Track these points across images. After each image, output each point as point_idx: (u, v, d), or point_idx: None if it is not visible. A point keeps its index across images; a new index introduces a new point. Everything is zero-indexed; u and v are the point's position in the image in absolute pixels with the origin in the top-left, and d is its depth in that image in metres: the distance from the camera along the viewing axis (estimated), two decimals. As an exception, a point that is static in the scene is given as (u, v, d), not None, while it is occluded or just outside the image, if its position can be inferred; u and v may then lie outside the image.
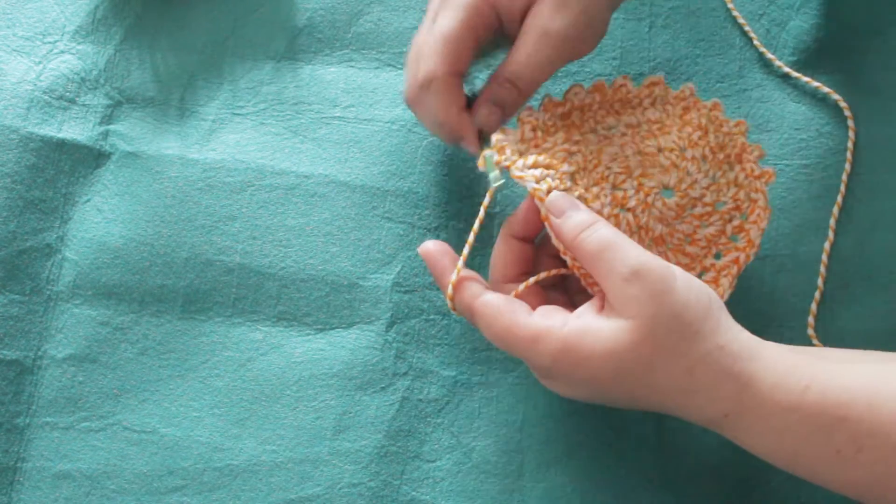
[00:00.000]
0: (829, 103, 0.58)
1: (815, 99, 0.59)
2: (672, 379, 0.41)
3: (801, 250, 0.55)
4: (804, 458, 0.41)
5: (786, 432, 0.40)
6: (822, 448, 0.40)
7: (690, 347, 0.40)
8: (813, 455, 0.40)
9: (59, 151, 0.58)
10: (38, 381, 0.54)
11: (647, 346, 0.40)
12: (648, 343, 0.40)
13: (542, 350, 0.42)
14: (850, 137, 0.57)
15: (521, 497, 0.51)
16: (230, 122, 0.60)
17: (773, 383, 0.40)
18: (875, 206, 0.56)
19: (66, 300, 0.56)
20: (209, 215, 0.57)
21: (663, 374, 0.41)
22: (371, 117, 0.60)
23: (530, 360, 0.43)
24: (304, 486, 0.52)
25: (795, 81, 0.59)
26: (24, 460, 0.53)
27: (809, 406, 0.40)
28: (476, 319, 0.45)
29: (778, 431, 0.40)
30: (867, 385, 0.40)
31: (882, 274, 0.54)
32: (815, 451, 0.40)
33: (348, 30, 0.62)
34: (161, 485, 0.52)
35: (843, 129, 0.58)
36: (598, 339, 0.41)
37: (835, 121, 0.58)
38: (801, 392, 0.40)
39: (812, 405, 0.40)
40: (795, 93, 0.59)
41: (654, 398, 0.42)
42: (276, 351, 0.55)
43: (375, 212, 0.57)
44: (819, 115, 0.58)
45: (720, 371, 0.40)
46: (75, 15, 0.62)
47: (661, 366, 0.40)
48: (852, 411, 0.39)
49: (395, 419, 0.53)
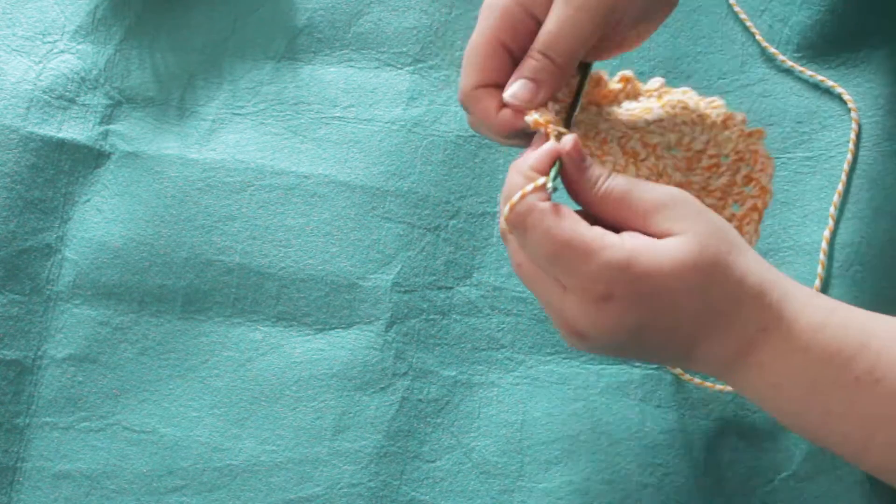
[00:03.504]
0: (832, 96, 0.58)
1: (818, 92, 0.59)
2: (726, 291, 0.40)
3: (805, 241, 0.55)
4: (820, 386, 0.40)
5: (811, 352, 0.40)
6: (842, 374, 0.39)
7: (738, 258, 0.40)
8: (830, 382, 0.40)
9: (58, 151, 0.59)
10: (37, 380, 0.54)
11: (704, 257, 0.39)
12: (706, 255, 0.39)
13: (605, 261, 0.39)
14: (852, 129, 0.57)
15: (521, 497, 0.51)
16: (230, 122, 0.60)
17: (804, 300, 0.40)
18: (877, 195, 0.55)
19: (65, 300, 0.56)
20: (209, 215, 0.57)
21: (718, 288, 0.40)
22: (371, 117, 0.60)
23: (587, 278, 0.40)
24: (303, 486, 0.52)
25: (798, 75, 0.59)
26: (24, 460, 0.53)
27: (835, 326, 0.40)
28: (531, 226, 0.41)
29: (804, 350, 0.40)
30: (889, 321, 0.40)
31: (883, 262, 0.54)
32: (834, 377, 0.39)
33: (348, 30, 0.62)
34: (161, 485, 0.52)
35: (845, 122, 0.58)
36: (665, 252, 0.39)
37: (837, 114, 0.58)
38: (829, 312, 0.40)
39: (838, 327, 0.40)
40: (797, 87, 0.59)
41: (704, 318, 0.41)
42: (275, 351, 0.55)
43: (375, 212, 0.57)
44: (821, 108, 0.58)
45: (765, 280, 0.41)
46: (75, 15, 0.62)
47: (717, 278, 0.40)
48: (874, 340, 0.39)
49: (394, 419, 0.53)
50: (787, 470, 0.50)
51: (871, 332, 0.40)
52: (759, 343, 0.41)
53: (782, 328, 0.40)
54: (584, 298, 0.40)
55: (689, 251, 0.39)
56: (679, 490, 0.50)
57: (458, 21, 0.62)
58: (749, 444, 0.51)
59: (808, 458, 0.50)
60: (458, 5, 0.62)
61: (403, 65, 0.61)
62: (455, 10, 0.62)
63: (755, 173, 0.50)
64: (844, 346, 0.39)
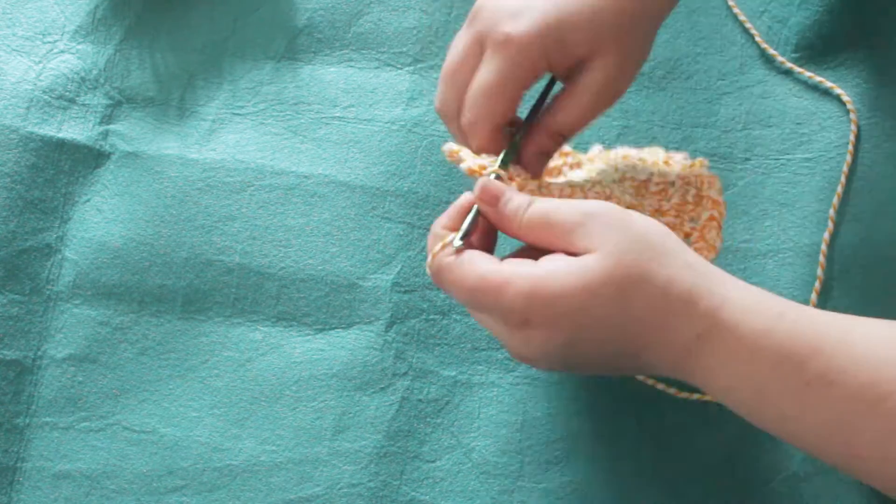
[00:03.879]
0: (831, 97, 0.58)
1: (817, 93, 0.59)
2: (648, 301, 0.40)
3: (804, 243, 0.55)
4: (770, 391, 0.39)
5: (756, 358, 0.39)
6: (792, 379, 0.39)
7: (661, 266, 0.40)
8: (780, 388, 0.39)
9: (58, 151, 0.58)
10: (37, 380, 0.54)
11: (619, 271, 0.39)
12: (620, 268, 0.39)
13: (513, 294, 0.40)
14: (851, 130, 0.57)
15: (521, 497, 0.51)
16: (230, 122, 0.60)
17: (746, 306, 0.40)
18: (877, 196, 0.56)
19: (65, 300, 0.56)
20: (209, 215, 0.57)
21: (639, 299, 0.40)
22: (371, 117, 0.60)
23: (503, 312, 0.41)
24: (303, 486, 0.52)
25: (797, 76, 0.59)
26: (24, 460, 0.53)
27: (783, 332, 0.39)
28: (445, 282, 0.43)
29: (748, 357, 0.39)
30: (841, 321, 0.39)
31: (884, 264, 0.54)
32: (784, 383, 0.39)
33: (348, 30, 0.62)
34: (160, 485, 0.52)
35: (844, 123, 0.58)
36: (569, 274, 0.40)
37: (836, 115, 0.58)
38: (776, 317, 0.39)
39: (786, 332, 0.39)
40: (796, 88, 0.59)
41: (632, 329, 0.41)
42: (275, 351, 0.55)
43: (375, 212, 0.57)
44: (820, 109, 0.58)
45: (694, 286, 0.40)
46: (75, 15, 0.62)
47: (636, 290, 0.40)
48: (826, 344, 0.38)
49: (394, 419, 0.53)
50: (787, 470, 0.50)
51: (822, 335, 0.39)
52: (697, 350, 0.40)
53: (722, 335, 0.40)
54: (509, 327, 0.42)
55: (602, 267, 0.39)
56: (679, 490, 0.50)
57: (458, 21, 0.62)
58: (748, 444, 0.51)
59: (808, 458, 0.50)
60: (458, 5, 0.62)
61: (403, 65, 0.61)
62: (455, 9, 0.62)
63: (704, 191, 0.51)
64: (793, 352, 0.38)
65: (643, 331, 0.40)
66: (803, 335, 0.39)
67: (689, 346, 0.40)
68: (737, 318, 0.39)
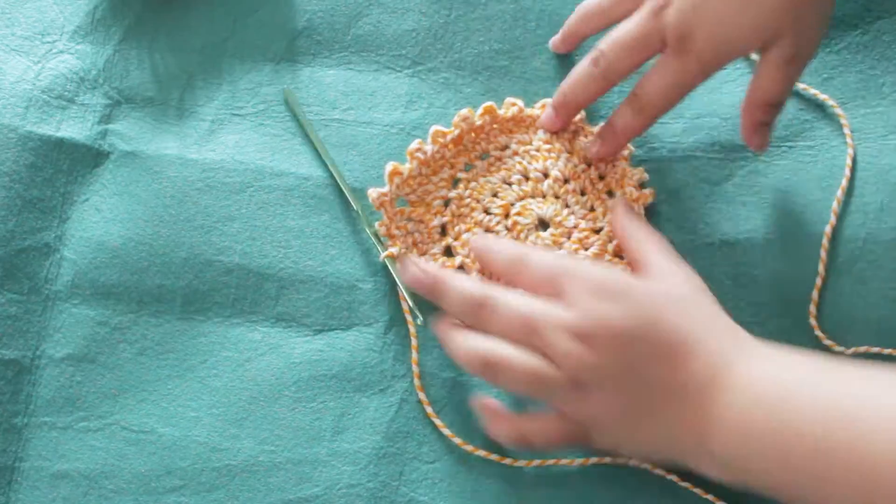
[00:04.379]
0: (834, 83, 0.58)
1: (819, 79, 0.59)
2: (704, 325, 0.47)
3: (807, 232, 0.55)
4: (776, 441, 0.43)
5: (761, 404, 0.43)
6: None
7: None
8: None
9: (57, 151, 0.58)
10: (36, 380, 0.54)
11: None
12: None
13: None
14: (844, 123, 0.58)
15: (521, 497, 0.51)
16: (229, 122, 0.60)
17: (766, 352, 0.46)
18: (882, 189, 0.56)
19: (64, 300, 0.55)
20: (208, 216, 0.57)
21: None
22: (370, 120, 0.60)
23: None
24: (302, 486, 0.52)
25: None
26: (22, 460, 0.53)
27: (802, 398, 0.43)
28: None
29: (757, 401, 0.44)
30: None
31: (889, 258, 0.54)
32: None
33: (347, 32, 0.62)
34: (159, 485, 0.52)
35: (847, 110, 0.58)
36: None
37: (840, 101, 0.58)
38: (796, 383, 0.43)
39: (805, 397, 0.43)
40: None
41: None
42: (274, 352, 0.55)
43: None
44: (822, 95, 0.58)
45: (728, 322, 0.48)
46: (74, 15, 0.62)
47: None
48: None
49: (393, 420, 0.53)
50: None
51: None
52: (721, 377, 0.45)
53: (740, 364, 0.45)
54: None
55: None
56: (679, 490, 0.50)
57: (457, 23, 0.62)
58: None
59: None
60: (457, 7, 0.63)
61: (402, 67, 0.61)
62: (454, 11, 0.63)
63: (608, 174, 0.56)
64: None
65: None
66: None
67: (720, 366, 0.46)
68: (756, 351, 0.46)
